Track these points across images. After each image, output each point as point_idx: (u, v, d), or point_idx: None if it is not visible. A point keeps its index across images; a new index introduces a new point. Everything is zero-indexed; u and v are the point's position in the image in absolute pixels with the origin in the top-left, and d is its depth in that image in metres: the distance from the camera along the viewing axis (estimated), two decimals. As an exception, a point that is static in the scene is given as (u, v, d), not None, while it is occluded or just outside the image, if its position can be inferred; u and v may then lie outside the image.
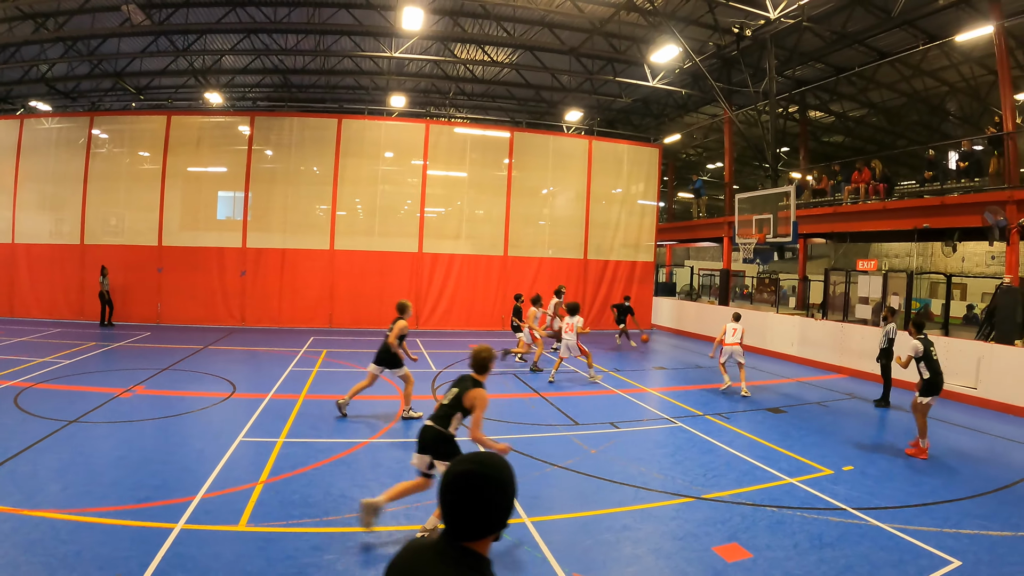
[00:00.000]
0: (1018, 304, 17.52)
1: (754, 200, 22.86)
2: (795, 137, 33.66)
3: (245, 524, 6.90)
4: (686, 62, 25.08)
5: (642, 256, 30.29)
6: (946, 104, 30.33)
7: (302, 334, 23.11)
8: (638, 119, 38.20)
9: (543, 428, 11.81)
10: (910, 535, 7.68)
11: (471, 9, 23.93)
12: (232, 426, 10.67)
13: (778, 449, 11.22)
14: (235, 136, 25.34)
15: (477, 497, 2.34)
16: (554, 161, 28.82)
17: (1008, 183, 18.38)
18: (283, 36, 26.10)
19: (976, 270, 36.95)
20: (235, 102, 33.52)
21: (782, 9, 20.81)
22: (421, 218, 26.42)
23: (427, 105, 35.50)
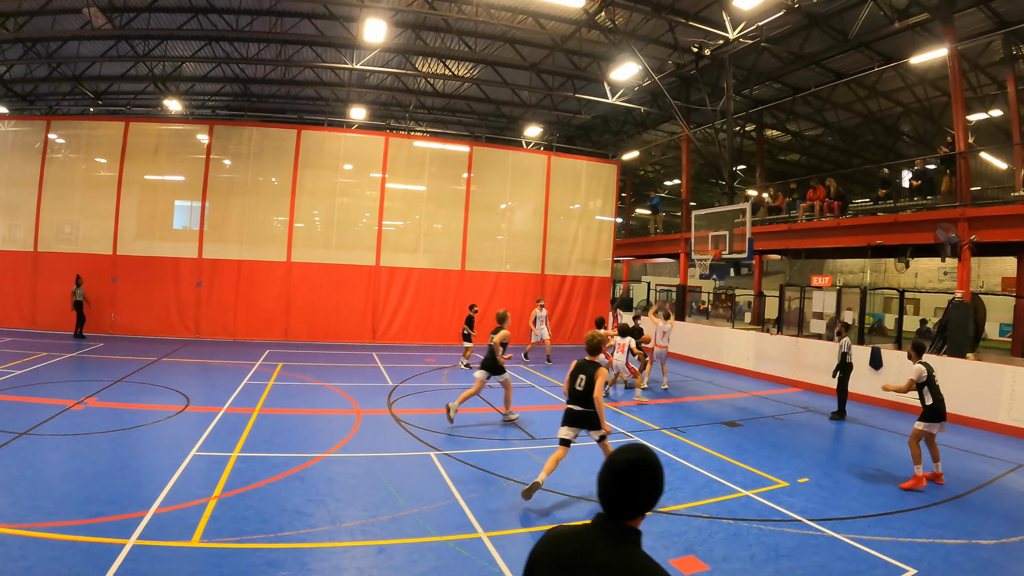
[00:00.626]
0: (969, 318, 18.03)
1: (710, 217, 23.09)
2: (752, 155, 34.19)
3: (198, 540, 6.81)
4: (645, 80, 25.33)
5: (599, 271, 30.45)
6: (900, 124, 31.03)
7: (257, 347, 22.90)
8: (597, 135, 38.55)
9: (500, 443, 11.84)
10: (866, 545, 7.82)
11: (433, 23, 24.04)
12: (185, 440, 10.51)
13: (734, 462, 11.35)
14: (193, 144, 24.99)
15: (640, 481, 2.77)
16: (513, 176, 28.90)
17: (960, 201, 18.88)
18: (244, 45, 26.04)
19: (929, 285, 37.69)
20: (194, 110, 33.30)
21: (741, 30, 21.17)
22: (379, 231, 26.29)
23: (387, 118, 35.52)
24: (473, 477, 9.62)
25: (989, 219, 18.21)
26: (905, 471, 11.03)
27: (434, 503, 8.42)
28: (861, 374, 17.72)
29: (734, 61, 23.94)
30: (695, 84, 26.61)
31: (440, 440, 11.58)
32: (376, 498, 8.49)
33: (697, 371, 23.46)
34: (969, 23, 20.24)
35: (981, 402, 15.83)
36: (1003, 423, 15.29)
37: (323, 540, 7.08)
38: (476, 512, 8.18)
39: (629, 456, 2.81)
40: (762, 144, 33.44)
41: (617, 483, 2.78)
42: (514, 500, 8.81)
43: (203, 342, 23.47)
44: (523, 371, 20.98)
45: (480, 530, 7.62)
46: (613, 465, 2.81)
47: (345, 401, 14.71)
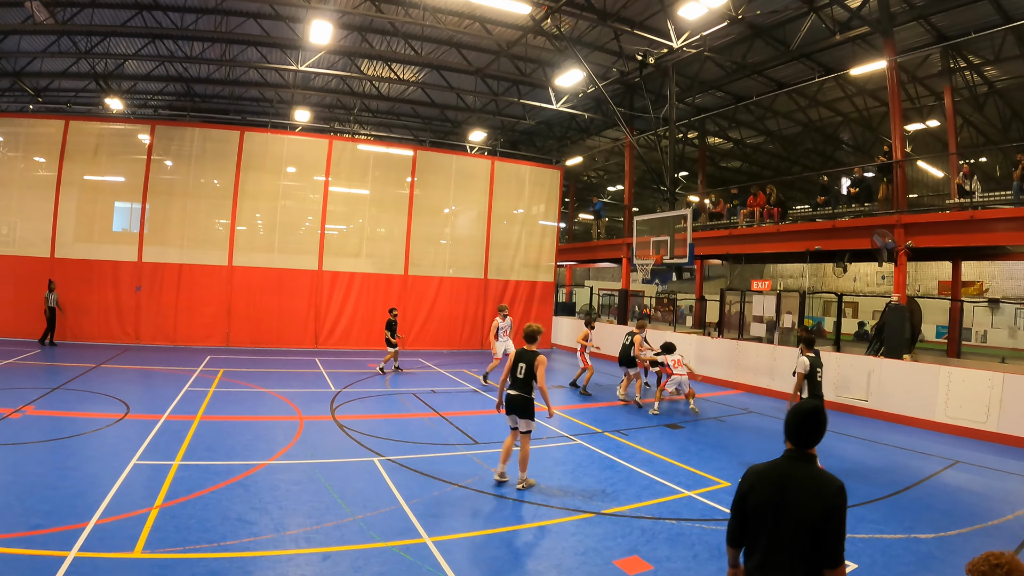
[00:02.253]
0: (906, 320, 18.63)
1: (652, 222, 23.35)
2: (694, 162, 34.71)
3: (141, 551, 6.74)
4: (590, 87, 25.57)
5: (542, 276, 30.62)
6: (839, 133, 31.78)
7: (198, 353, 22.58)
8: (541, 141, 38.79)
9: (443, 447, 11.84)
10: (808, 540, 8.01)
11: (380, 26, 24.01)
12: (126, 448, 10.35)
13: (676, 464, 11.54)
14: (134, 145, 24.41)
15: (820, 421, 4.12)
16: (457, 181, 28.91)
17: (897, 208, 19.44)
18: (189, 43, 25.72)
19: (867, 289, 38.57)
20: (136, 109, 32.73)
21: (685, 39, 21.50)
22: (322, 235, 26.09)
23: (331, 120, 35.37)
24: (417, 482, 9.64)
25: (925, 225, 18.79)
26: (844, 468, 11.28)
27: (378, 509, 8.43)
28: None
29: (678, 69, 24.33)
30: (639, 91, 26.93)
31: (383, 446, 11.58)
32: (320, 505, 8.47)
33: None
34: (908, 36, 20.91)
35: (918, 401, 16.38)
36: (940, 421, 15.84)
37: (267, 548, 7.05)
38: (420, 517, 8.21)
39: (812, 405, 4.20)
40: (704, 151, 33.95)
41: (806, 422, 4.11)
42: (458, 504, 8.88)
43: (143, 348, 23.06)
44: (466, 376, 21.04)
45: (425, 535, 7.65)
46: (803, 410, 4.16)
47: (288, 407, 14.61)
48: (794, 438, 4.12)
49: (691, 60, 23.95)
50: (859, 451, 13.46)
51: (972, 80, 24.06)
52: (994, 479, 11.90)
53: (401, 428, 13.14)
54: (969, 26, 19.86)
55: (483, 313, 28.88)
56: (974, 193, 19.37)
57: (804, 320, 21.90)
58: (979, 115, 26.61)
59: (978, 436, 15.15)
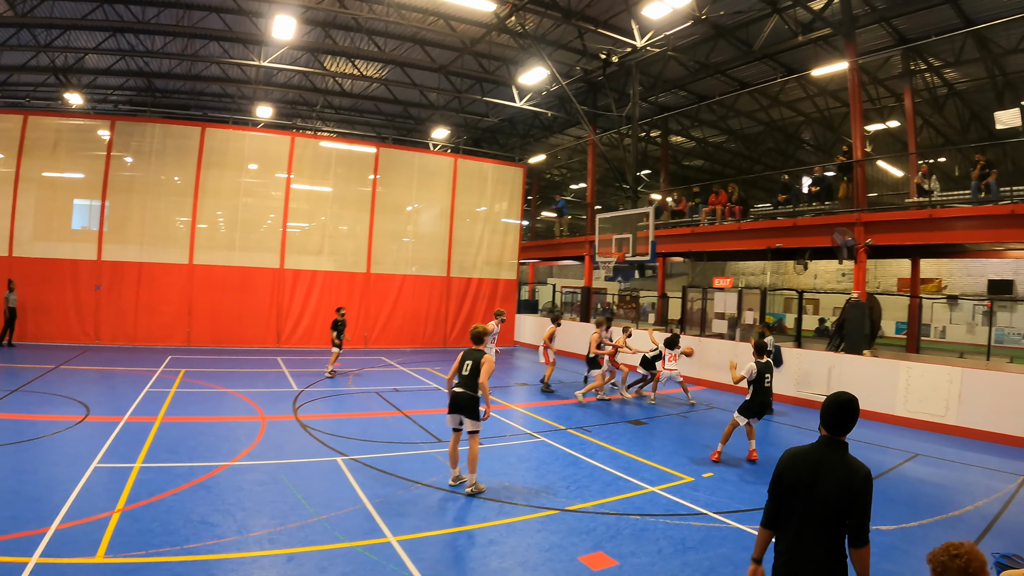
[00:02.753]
0: (866, 317, 18.97)
1: (615, 220, 23.47)
2: (656, 160, 34.91)
3: (103, 555, 6.67)
4: (553, 85, 25.68)
5: (505, 274, 30.70)
6: (801, 133, 32.12)
7: (159, 353, 22.32)
8: (504, 139, 38.84)
9: (406, 446, 11.86)
10: (771, 534, 8.16)
11: (343, 22, 23.89)
12: (86, 451, 10.24)
13: (640, 460, 11.66)
14: (94, 141, 23.97)
15: (854, 410, 4.47)
16: (419, 178, 28.85)
17: (857, 207, 19.77)
18: (150, 37, 25.33)
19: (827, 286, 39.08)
20: (96, 104, 32.22)
21: (649, 38, 21.64)
22: (283, 233, 25.89)
23: (294, 117, 35.14)
24: (380, 481, 9.66)
25: (884, 224, 19.16)
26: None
27: (342, 509, 8.44)
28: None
29: (641, 68, 24.49)
30: (602, 90, 27.05)
31: (347, 445, 11.57)
32: (284, 506, 8.45)
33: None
34: (870, 39, 21.25)
35: (879, 396, 16.69)
36: (900, 415, 16.25)
37: (231, 551, 7.03)
38: (385, 516, 8.23)
39: (847, 396, 4.51)
40: (667, 149, 34.13)
41: (840, 412, 4.45)
42: (422, 503, 8.91)
43: (103, 348, 22.72)
44: (428, 374, 21.05)
45: (389, 534, 7.67)
46: (839, 401, 4.50)
47: (250, 407, 14.53)
48: (829, 426, 4.48)
49: (655, 59, 24.10)
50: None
51: (932, 82, 24.51)
52: (954, 471, 12.21)
53: (364, 427, 13.14)
54: (930, 29, 20.23)
55: (446, 311, 28.90)
56: (933, 192, 19.72)
57: (765, 317, 22.14)
58: (939, 116, 27.06)
59: (938, 429, 15.53)
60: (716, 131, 33.73)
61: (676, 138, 34.97)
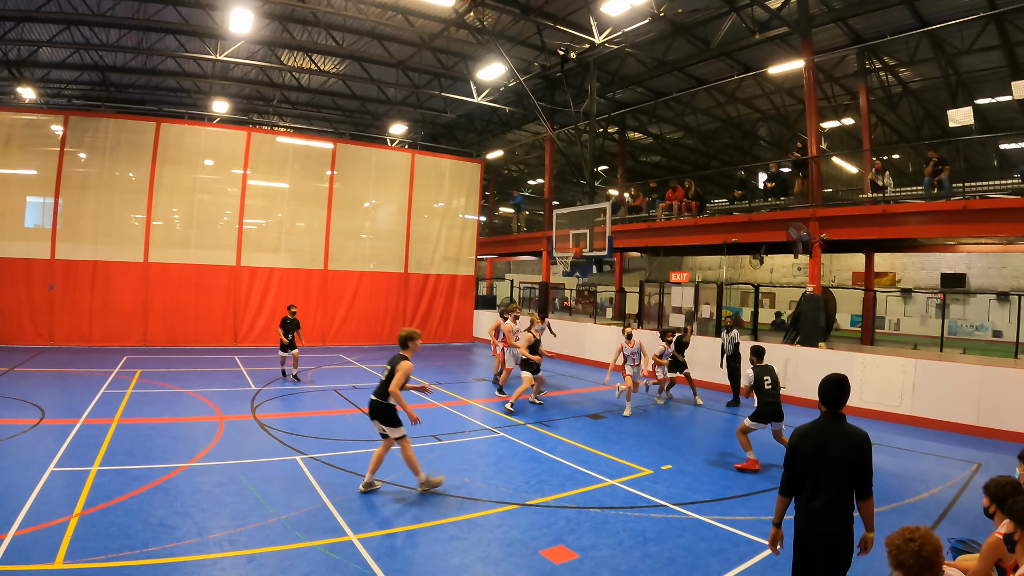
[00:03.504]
0: (820, 310, 19.37)
1: (572, 215, 23.57)
2: (614, 156, 35.10)
3: (62, 561, 6.62)
4: (511, 81, 25.69)
5: (463, 270, 30.81)
6: (757, 129, 32.47)
7: (114, 353, 22.05)
8: (462, 134, 38.79)
9: (365, 444, 11.84)
10: (729, 525, 8.38)
11: (301, 15, 23.68)
12: (42, 455, 10.14)
13: (599, 453, 11.82)
14: (47, 136, 23.57)
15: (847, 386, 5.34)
16: (377, 174, 28.84)
17: (812, 202, 20.09)
18: (105, 30, 24.82)
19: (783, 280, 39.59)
20: (49, 99, 31.58)
21: (607, 35, 21.72)
22: (240, 230, 25.73)
23: (250, 112, 34.82)
24: (340, 480, 9.69)
25: (839, 219, 19.56)
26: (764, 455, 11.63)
27: (302, 508, 8.45)
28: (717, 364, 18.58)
29: (599, 65, 24.60)
30: (560, 86, 27.14)
31: (305, 444, 11.58)
32: (243, 506, 8.45)
33: (561, 366, 23.94)
34: (826, 38, 21.53)
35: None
36: (855, 406, 16.32)
37: (191, 553, 7.01)
38: (345, 515, 8.26)
39: (839, 376, 5.35)
40: (624, 145, 34.32)
41: (837, 389, 5.30)
42: (383, 501, 8.97)
43: (57, 349, 22.37)
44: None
45: (350, 533, 7.70)
46: (833, 380, 5.34)
47: (207, 407, 14.46)
48: (828, 403, 5.31)
49: (612, 56, 24.25)
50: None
51: (887, 81, 24.89)
52: (909, 459, 12.56)
53: (323, 425, 13.16)
54: (885, 29, 20.55)
55: (403, 307, 28.94)
56: (886, 188, 20.06)
57: (722, 311, 22.39)
58: (893, 114, 27.53)
59: (893, 419, 15.96)
60: (673, 127, 33.92)
61: (633, 134, 35.13)
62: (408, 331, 9.46)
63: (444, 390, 18.09)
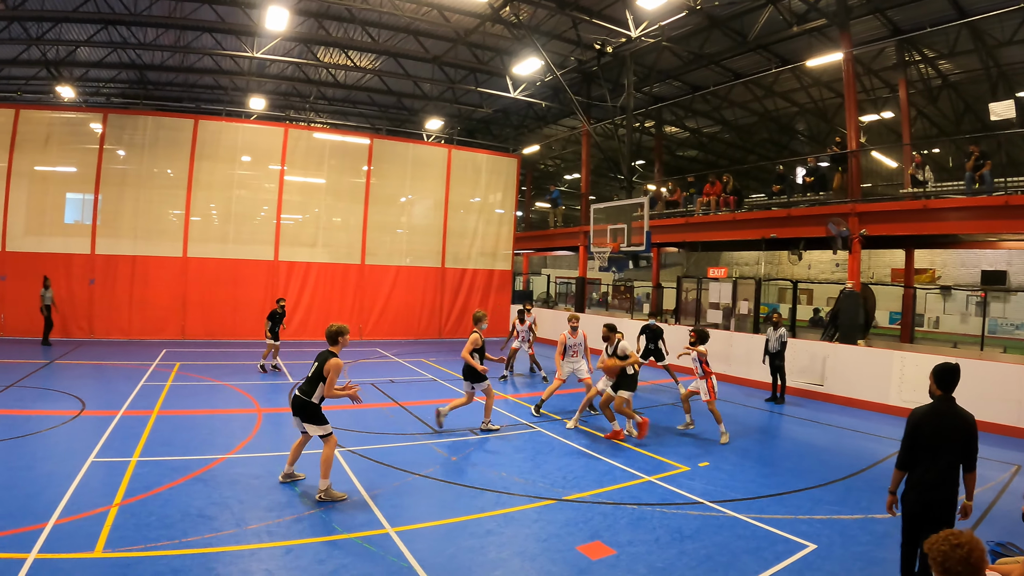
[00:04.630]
0: (860, 307, 19.03)
1: (609, 211, 23.46)
2: (650, 151, 34.77)
3: (102, 550, 6.66)
4: (548, 75, 25.59)
5: (500, 265, 30.72)
6: (795, 123, 32.05)
7: (153, 346, 22.25)
8: (498, 129, 38.71)
9: (403, 437, 11.88)
10: (766, 523, 8.23)
11: (337, 12, 23.75)
12: (82, 446, 10.22)
13: (635, 449, 11.68)
14: (86, 134, 23.86)
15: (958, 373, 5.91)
16: (413, 169, 28.83)
17: (851, 197, 19.71)
18: (142, 30, 25.12)
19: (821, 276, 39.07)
20: (88, 98, 32.02)
21: (643, 29, 21.55)
22: (277, 225, 25.88)
23: (287, 108, 34.99)
24: (378, 472, 9.68)
25: (878, 214, 19.21)
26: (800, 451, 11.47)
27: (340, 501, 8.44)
28: (755, 361, 18.36)
29: (635, 59, 24.45)
30: (596, 80, 26.94)
31: (343, 436, 11.52)
32: (281, 498, 8.47)
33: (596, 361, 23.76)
34: (864, 29, 21.14)
35: (872, 385, 16.78)
36: (893, 404, 16.22)
37: (229, 543, 7.01)
38: (382, 507, 8.24)
39: (953, 364, 5.94)
40: (661, 140, 34.07)
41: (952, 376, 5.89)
42: (419, 494, 8.94)
43: (97, 342, 22.66)
44: (424, 365, 21.03)
45: (387, 525, 7.68)
46: (949, 368, 5.92)
47: (245, 400, 14.54)
48: (943, 387, 5.94)
49: (649, 49, 24.06)
50: (815, 434, 13.74)
51: (926, 73, 24.43)
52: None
53: (360, 418, 13.13)
54: (924, 20, 20.13)
55: (440, 302, 28.96)
56: (927, 183, 19.72)
57: (760, 307, 22.15)
58: (933, 107, 26.99)
59: (931, 419, 15.55)
60: (710, 121, 33.62)
61: (670, 128, 34.85)
62: (337, 326, 9.33)
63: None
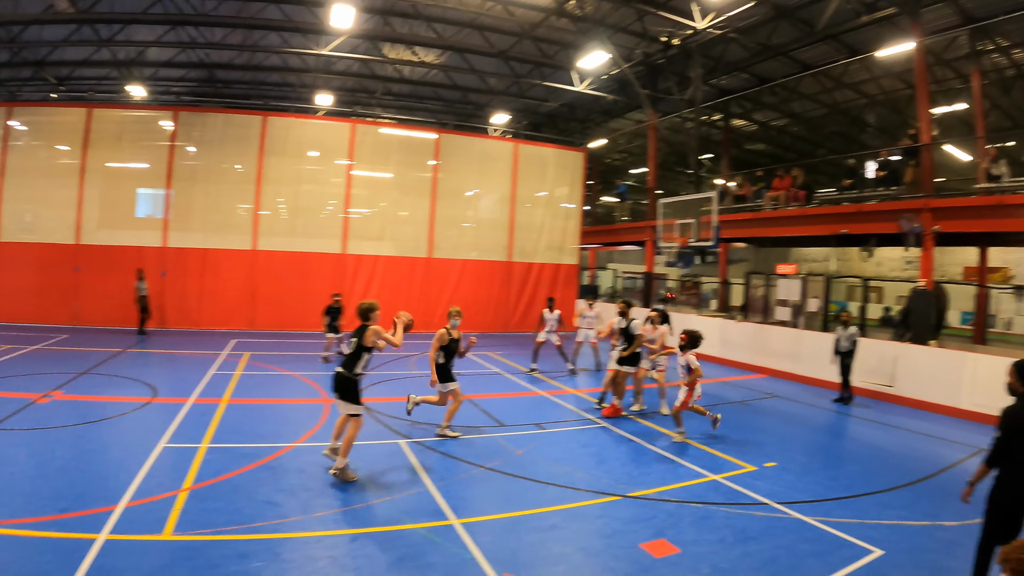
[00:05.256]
0: (932, 306, 18.34)
1: (677, 205, 23.21)
2: (718, 144, 34.31)
3: (170, 533, 6.75)
4: (613, 68, 25.45)
5: (566, 259, 30.50)
6: (865, 115, 31.26)
7: (223, 336, 22.59)
8: (564, 123, 38.57)
9: (469, 430, 11.83)
10: (832, 527, 7.97)
11: (401, 9, 23.88)
12: (153, 432, 10.40)
13: (701, 447, 11.47)
14: (157, 131, 24.41)
15: None
16: (479, 163, 28.79)
17: (924, 192, 19.08)
18: (210, 29, 25.61)
19: (892, 274, 38.09)
20: (158, 96, 32.70)
21: (709, 20, 21.29)
22: (345, 219, 26.07)
23: (353, 104, 35.28)
24: (443, 464, 9.66)
25: (952, 210, 18.49)
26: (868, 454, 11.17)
27: (405, 491, 8.45)
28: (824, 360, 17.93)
29: (702, 51, 24.13)
30: (663, 73, 26.72)
31: (409, 428, 11.59)
32: (347, 487, 8.48)
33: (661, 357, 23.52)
34: (936, 18, 20.45)
35: (943, 388, 16.10)
36: (964, 408, 15.51)
37: (295, 530, 7.06)
38: (447, 499, 8.21)
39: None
40: (728, 133, 33.60)
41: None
42: (484, 486, 8.90)
43: (168, 332, 23.15)
44: (490, 359, 21.01)
45: (452, 517, 7.64)
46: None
47: (313, 390, 14.68)
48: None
49: (715, 41, 23.72)
50: (883, 437, 13.31)
51: (1001, 63, 23.65)
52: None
53: (427, 411, 13.10)
54: (998, 8, 19.42)
55: (507, 295, 28.85)
56: (1002, 178, 19.04)
57: (829, 305, 21.68)
58: (1007, 98, 26.12)
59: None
60: (778, 114, 33.06)
61: (737, 121, 34.36)
62: (368, 303, 9.64)
63: (546, 378, 17.99)
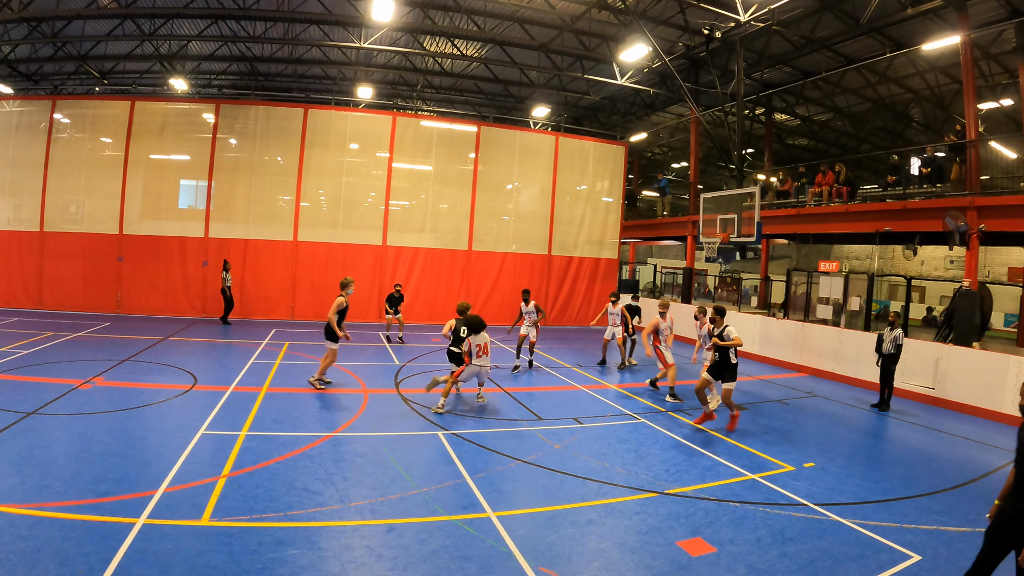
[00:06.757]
0: (976, 307, 17.91)
1: (718, 200, 22.98)
2: (760, 139, 33.99)
3: (208, 519, 6.79)
4: (655, 61, 25.23)
5: (606, 253, 30.34)
6: (910, 111, 30.75)
7: (264, 326, 22.86)
8: (605, 117, 38.39)
9: (507, 423, 11.78)
10: (870, 530, 7.82)
11: (442, 2, 23.90)
12: (193, 419, 10.51)
13: (740, 446, 11.31)
14: (199, 124, 24.76)
15: None
16: (520, 156, 28.69)
17: (969, 190, 18.70)
18: (251, 23, 25.79)
19: (935, 273, 37.53)
20: (200, 89, 33.12)
21: (752, 12, 21.00)
22: (386, 211, 26.15)
23: (394, 97, 35.40)
24: (481, 457, 9.62)
25: (998, 208, 18.06)
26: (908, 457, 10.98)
27: (443, 482, 8.43)
28: (865, 360, 17.65)
29: (745, 44, 23.80)
30: (705, 66, 26.45)
31: (448, 420, 11.57)
32: (384, 477, 8.49)
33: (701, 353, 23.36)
34: (982, 11, 20.00)
35: (986, 391, 15.69)
36: (1007, 412, 15.04)
37: (332, 519, 7.08)
38: (484, 491, 8.19)
39: None
40: (771, 128, 33.27)
41: None
42: (522, 480, 8.85)
43: (209, 321, 23.39)
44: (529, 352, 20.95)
45: (489, 509, 7.63)
46: None
47: (352, 380, 14.73)
48: None
49: (758, 34, 23.38)
50: (924, 440, 13.03)
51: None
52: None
53: (464, 403, 13.10)
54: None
55: (546, 288, 28.78)
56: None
57: (871, 303, 21.34)
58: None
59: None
60: (822, 108, 32.64)
61: (781, 116, 33.98)
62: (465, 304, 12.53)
63: (586, 373, 17.88)
